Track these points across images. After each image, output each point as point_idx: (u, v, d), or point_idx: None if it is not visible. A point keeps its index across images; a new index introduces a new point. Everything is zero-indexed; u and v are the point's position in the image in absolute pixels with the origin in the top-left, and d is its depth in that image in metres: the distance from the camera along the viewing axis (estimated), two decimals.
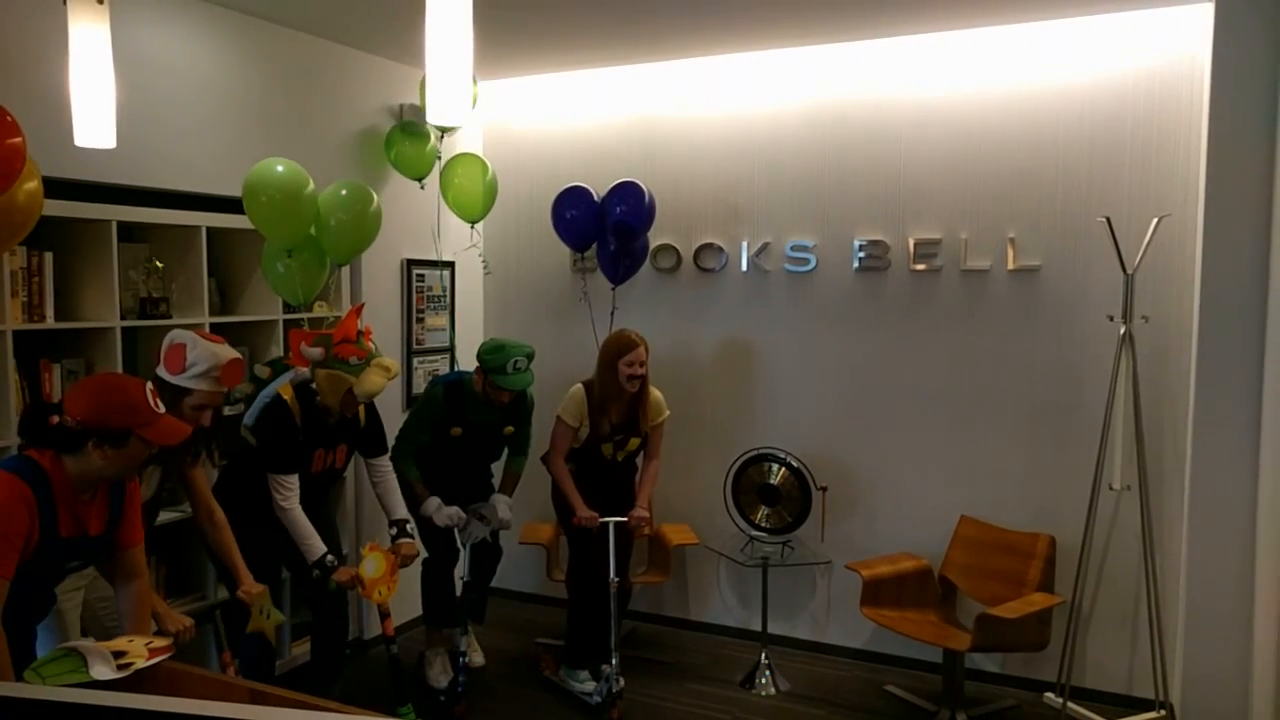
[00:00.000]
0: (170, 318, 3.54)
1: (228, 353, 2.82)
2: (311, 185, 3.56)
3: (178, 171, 3.54)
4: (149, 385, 2.32)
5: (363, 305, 3.52)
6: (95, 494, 2.35)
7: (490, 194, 4.52)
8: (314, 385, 3.28)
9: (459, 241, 4.87)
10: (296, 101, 4.04)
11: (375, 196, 3.77)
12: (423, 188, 4.49)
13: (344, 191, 3.71)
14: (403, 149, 4.39)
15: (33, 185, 2.67)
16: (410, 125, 4.43)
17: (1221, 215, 3.45)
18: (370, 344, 3.30)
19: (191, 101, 3.59)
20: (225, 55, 3.72)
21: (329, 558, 3.30)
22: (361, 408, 3.47)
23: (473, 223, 4.62)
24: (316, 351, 3.21)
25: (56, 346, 3.28)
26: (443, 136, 4.52)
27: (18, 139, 2.41)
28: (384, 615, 3.40)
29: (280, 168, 3.49)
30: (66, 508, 2.27)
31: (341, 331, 3.24)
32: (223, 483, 3.32)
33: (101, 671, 1.98)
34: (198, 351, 2.76)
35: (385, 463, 3.65)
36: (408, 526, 3.60)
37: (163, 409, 2.32)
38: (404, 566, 3.49)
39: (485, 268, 4.92)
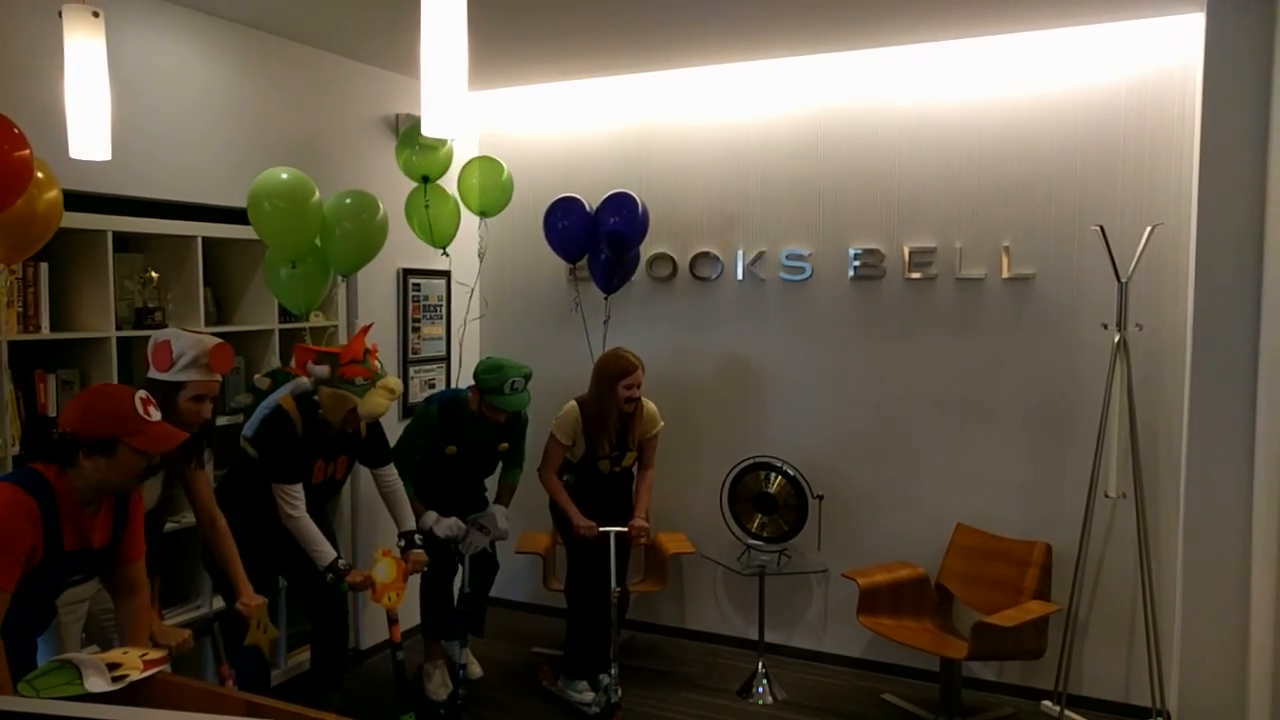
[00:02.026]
0: (166, 327, 3.53)
1: (212, 339, 2.85)
2: (317, 194, 3.56)
3: (173, 182, 3.54)
4: (140, 394, 2.31)
5: (371, 325, 3.52)
6: (99, 507, 2.35)
7: (504, 194, 4.51)
8: (316, 398, 3.28)
9: (463, 246, 4.87)
10: (291, 112, 4.05)
11: (381, 205, 3.76)
12: (445, 255, 4.47)
13: (349, 200, 3.70)
14: (422, 216, 4.31)
15: (53, 195, 2.71)
16: (432, 188, 4.34)
17: (1214, 223, 3.47)
18: (376, 363, 3.31)
19: (186, 112, 3.59)
20: (219, 66, 3.73)
21: (341, 561, 3.31)
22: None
23: (482, 215, 4.62)
24: (323, 370, 3.22)
25: (52, 357, 3.28)
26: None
27: (25, 151, 2.43)
28: (392, 621, 3.40)
29: (284, 175, 3.48)
30: (71, 521, 2.26)
31: (350, 352, 3.24)
32: (221, 493, 3.32)
33: (96, 683, 1.97)
34: (182, 342, 2.79)
35: (391, 472, 3.64)
36: (416, 537, 3.60)
37: (155, 417, 2.31)
38: (415, 573, 3.51)
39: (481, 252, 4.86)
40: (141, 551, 2.51)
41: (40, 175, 2.64)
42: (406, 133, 4.35)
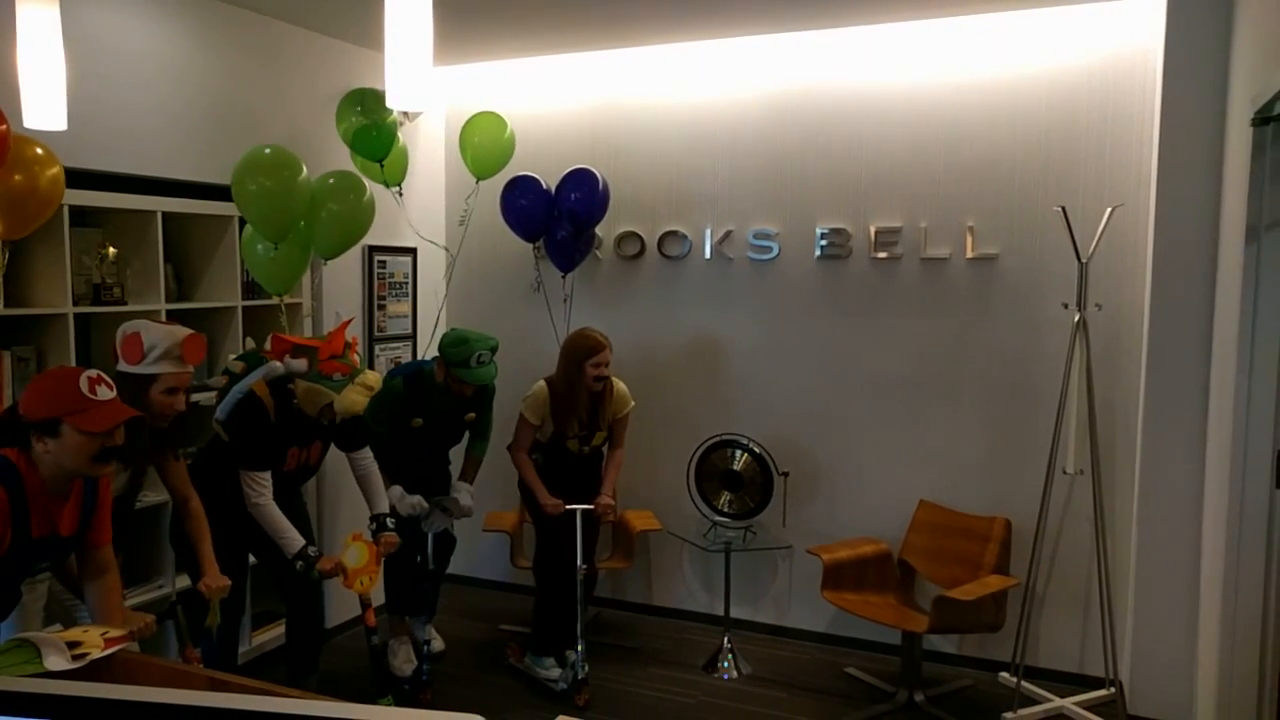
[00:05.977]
0: (125, 304, 3.48)
1: (184, 330, 2.80)
2: (305, 172, 3.47)
3: (131, 155, 3.46)
4: (89, 373, 2.24)
5: (351, 320, 3.48)
6: (69, 494, 2.30)
7: (504, 151, 4.50)
8: (291, 386, 3.24)
9: (420, 226, 4.83)
10: (253, 85, 3.97)
11: (367, 186, 3.69)
12: (400, 194, 4.43)
13: (333, 180, 3.62)
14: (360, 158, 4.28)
15: (54, 172, 2.69)
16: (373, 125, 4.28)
17: (1172, 205, 3.53)
18: (355, 357, 3.27)
19: (145, 84, 3.52)
20: (180, 37, 3.65)
21: (310, 548, 3.27)
22: None
23: (479, 179, 4.60)
24: (300, 364, 3.17)
25: (7, 333, 3.21)
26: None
27: (1, 126, 2.38)
28: (365, 605, 3.36)
29: (268, 151, 3.39)
30: (39, 508, 2.22)
31: (330, 347, 3.19)
32: (193, 471, 3.27)
33: (56, 662, 1.95)
34: (154, 335, 2.73)
35: (366, 454, 3.60)
36: (388, 520, 3.57)
37: (105, 396, 2.24)
38: (386, 554, 3.48)
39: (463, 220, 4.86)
40: (108, 537, 2.47)
41: (40, 151, 2.65)
42: (351, 95, 4.23)
